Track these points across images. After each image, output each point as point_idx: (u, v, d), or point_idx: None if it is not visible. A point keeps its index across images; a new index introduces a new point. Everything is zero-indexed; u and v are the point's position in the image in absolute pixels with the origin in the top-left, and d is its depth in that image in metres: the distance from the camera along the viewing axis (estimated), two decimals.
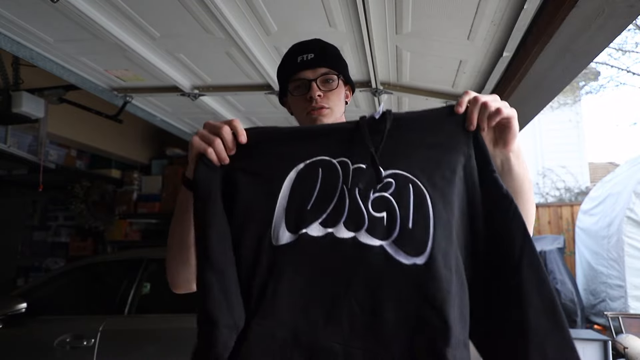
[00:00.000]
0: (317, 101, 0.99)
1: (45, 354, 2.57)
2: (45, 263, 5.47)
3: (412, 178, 0.77)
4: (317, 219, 0.77)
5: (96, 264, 3.27)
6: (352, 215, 0.76)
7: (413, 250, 0.73)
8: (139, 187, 5.35)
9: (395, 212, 0.76)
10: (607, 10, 1.45)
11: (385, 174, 0.78)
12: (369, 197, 0.77)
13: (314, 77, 1.00)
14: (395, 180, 0.77)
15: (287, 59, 1.07)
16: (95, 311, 2.81)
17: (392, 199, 0.77)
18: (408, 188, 0.76)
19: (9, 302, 2.69)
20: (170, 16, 1.86)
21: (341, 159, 0.81)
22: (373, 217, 0.76)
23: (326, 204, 0.78)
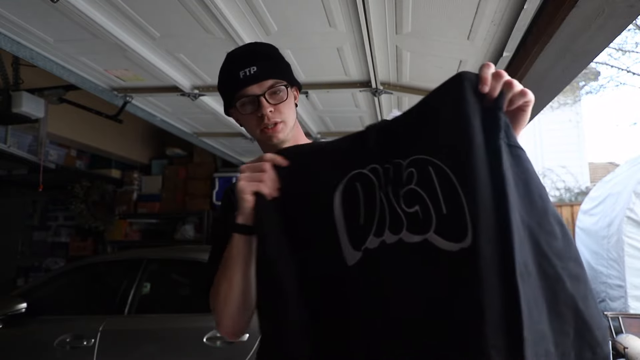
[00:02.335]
0: (269, 117, 0.95)
1: (45, 354, 2.57)
2: (45, 263, 5.47)
3: (430, 159, 0.73)
4: (370, 231, 0.78)
5: (96, 264, 3.26)
6: (393, 218, 0.76)
7: (456, 236, 0.68)
8: (139, 187, 5.36)
9: (426, 201, 0.73)
10: (607, 10, 1.45)
11: (405, 164, 0.76)
12: (399, 195, 0.76)
13: (261, 92, 0.95)
14: (416, 168, 0.75)
15: (227, 74, 1.01)
16: (95, 311, 2.81)
17: (419, 189, 0.74)
18: (429, 171, 0.73)
19: (9, 302, 2.69)
20: (170, 16, 1.86)
21: (371, 166, 0.81)
22: (408, 213, 0.75)
23: (373, 215, 0.79)
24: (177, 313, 2.69)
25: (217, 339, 2.41)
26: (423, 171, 0.74)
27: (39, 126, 3.54)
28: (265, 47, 1.04)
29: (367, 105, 3.07)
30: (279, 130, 0.97)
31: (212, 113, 3.11)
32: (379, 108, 3.02)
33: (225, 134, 3.89)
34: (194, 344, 2.42)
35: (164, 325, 2.59)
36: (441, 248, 0.69)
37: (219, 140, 4.16)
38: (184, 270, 3.08)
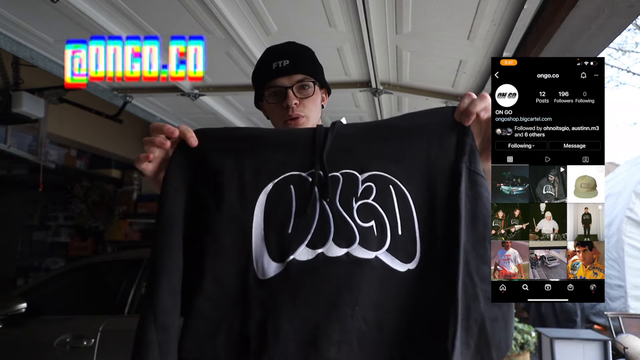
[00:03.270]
0: (293, 109, 0.97)
1: (45, 354, 2.57)
2: (45, 263, 5.47)
3: (390, 178, 0.74)
4: (302, 241, 0.72)
5: (96, 264, 3.26)
6: (341, 230, 0.72)
7: (406, 256, 0.72)
8: (139, 187, 5.36)
9: (383, 219, 0.73)
10: (607, 10, 1.45)
11: (362, 178, 0.75)
12: (352, 207, 0.73)
13: (290, 85, 0.98)
14: (375, 184, 0.74)
15: (261, 64, 1.04)
16: (95, 311, 2.80)
17: (377, 205, 0.73)
18: (389, 190, 0.74)
19: (9, 302, 2.69)
20: (171, 16, 1.86)
21: (311, 170, 0.76)
22: (362, 228, 0.72)
23: (308, 223, 0.73)
24: None
25: None
26: (384, 189, 0.74)
27: (39, 126, 3.54)
28: (302, 48, 1.06)
29: (367, 105, 3.07)
30: (300, 124, 0.99)
31: (212, 113, 3.11)
32: (379, 108, 3.02)
33: None
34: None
35: None
36: (390, 266, 0.72)
37: None
38: None
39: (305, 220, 0.73)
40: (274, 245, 0.73)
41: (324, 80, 1.07)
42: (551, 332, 3.51)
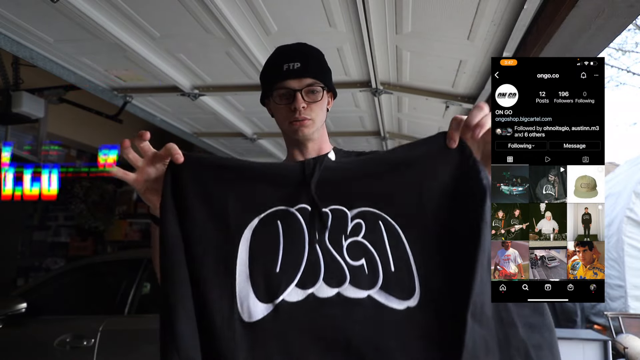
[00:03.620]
0: (300, 112, 0.98)
1: (45, 354, 2.57)
2: (45, 263, 5.47)
3: (380, 214, 0.73)
4: (292, 281, 0.69)
5: (96, 264, 3.26)
6: (331, 270, 0.70)
7: (403, 294, 0.69)
8: None
9: (374, 256, 0.71)
10: (607, 10, 1.45)
11: (352, 214, 0.73)
12: (342, 245, 0.71)
13: (300, 88, 0.98)
14: (364, 220, 0.73)
15: (272, 64, 1.04)
16: (95, 311, 2.80)
17: (367, 242, 0.71)
18: (379, 226, 0.72)
19: (9, 302, 2.69)
20: (171, 16, 1.86)
21: (299, 205, 0.73)
22: (353, 266, 0.70)
23: (297, 262, 0.70)
24: None
25: None
26: (373, 225, 0.72)
27: (39, 126, 3.54)
28: (314, 50, 1.07)
29: (367, 105, 3.07)
30: (305, 126, 1.00)
31: (212, 113, 3.11)
32: (379, 108, 3.02)
33: (225, 134, 3.89)
34: None
35: None
36: (385, 305, 0.68)
37: (219, 140, 4.16)
38: None
39: (294, 259, 0.70)
40: (261, 285, 0.69)
41: (332, 84, 1.08)
42: None
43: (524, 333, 0.68)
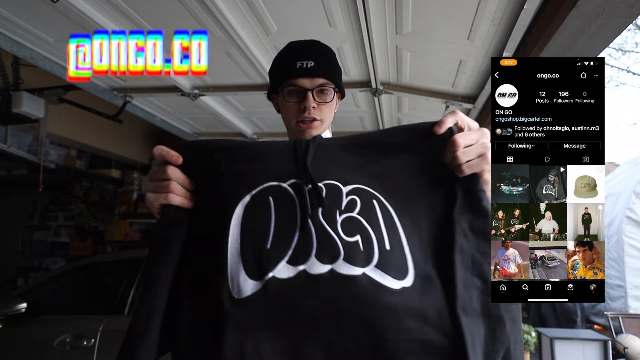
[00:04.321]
0: (310, 112, 0.97)
1: (45, 354, 2.57)
2: (45, 263, 5.47)
3: (374, 193, 0.72)
4: (282, 257, 0.67)
5: (96, 264, 3.27)
6: (324, 246, 0.68)
7: (398, 273, 0.68)
8: (139, 187, 5.36)
9: (369, 233, 0.69)
10: (607, 10, 1.45)
11: (347, 190, 0.72)
12: (336, 221, 0.69)
13: (311, 87, 0.97)
14: (359, 197, 0.71)
15: (284, 60, 1.03)
16: (95, 311, 2.80)
17: (362, 219, 0.70)
18: (373, 205, 0.71)
19: (9, 302, 2.69)
20: (171, 16, 1.86)
21: (292, 180, 0.72)
22: (347, 242, 0.68)
23: (289, 238, 0.68)
24: None
25: None
26: (368, 203, 0.71)
27: (39, 126, 3.54)
28: (326, 48, 1.06)
29: (367, 105, 3.07)
30: (314, 127, 0.99)
31: (212, 113, 3.11)
32: (379, 108, 3.02)
33: (225, 134, 3.89)
34: None
35: None
36: (381, 283, 0.66)
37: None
38: None
39: (286, 234, 0.68)
40: (251, 261, 0.68)
41: (342, 84, 1.07)
42: (551, 332, 3.51)
43: (509, 327, 0.68)
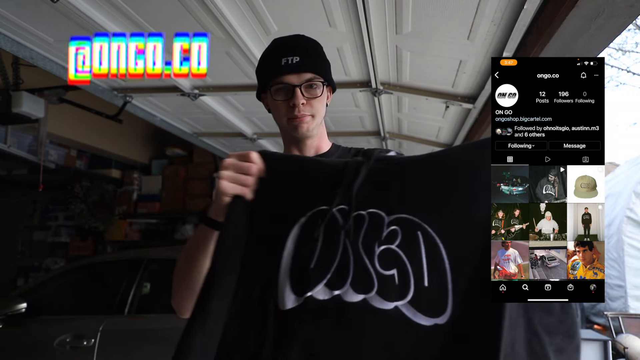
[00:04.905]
0: (299, 109, 0.95)
1: (45, 354, 2.57)
2: (45, 263, 5.47)
3: (419, 223, 0.69)
4: (322, 279, 0.70)
5: (96, 264, 3.27)
6: (359, 275, 0.69)
7: (433, 311, 0.65)
8: (138, 187, 5.36)
9: (407, 268, 0.68)
10: (607, 10, 1.45)
11: (388, 220, 0.70)
12: (374, 252, 0.69)
13: (299, 83, 0.95)
14: (401, 228, 0.69)
15: (269, 57, 1.01)
16: (95, 311, 2.80)
17: (401, 252, 0.68)
18: (417, 236, 0.68)
19: (9, 302, 2.69)
20: (171, 16, 1.86)
21: (340, 206, 0.73)
22: (382, 276, 0.68)
23: (329, 262, 0.70)
24: None
25: None
26: (410, 234, 0.69)
27: (39, 126, 3.54)
28: (311, 42, 1.04)
29: (367, 105, 3.07)
30: (305, 122, 0.97)
31: (212, 113, 3.11)
32: (379, 108, 3.02)
33: (225, 134, 3.89)
34: None
35: (164, 325, 2.58)
36: (411, 319, 0.66)
37: (219, 140, 4.16)
38: None
39: (327, 258, 0.71)
40: (296, 278, 0.72)
41: (331, 78, 1.05)
42: None
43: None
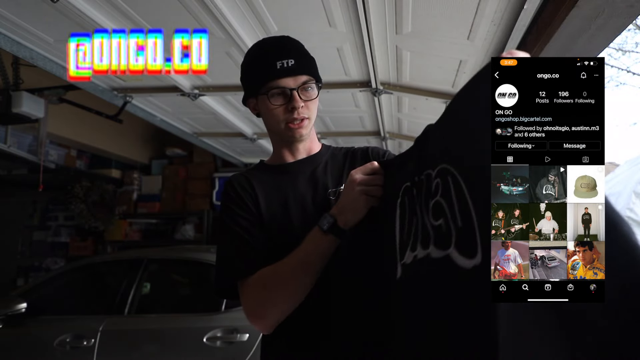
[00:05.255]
0: (299, 112, 0.95)
1: (45, 354, 2.57)
2: (45, 263, 5.47)
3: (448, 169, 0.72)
4: (407, 246, 0.79)
5: (96, 264, 3.27)
6: (424, 232, 0.76)
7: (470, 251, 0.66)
8: (139, 187, 5.36)
9: (447, 215, 0.70)
10: (607, 10, 1.45)
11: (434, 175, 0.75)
12: (429, 208, 0.75)
13: (296, 86, 0.95)
14: (440, 178, 0.73)
15: (261, 60, 0.99)
16: (95, 311, 2.81)
17: (442, 200, 0.72)
18: (448, 182, 0.71)
19: (9, 302, 2.70)
20: (171, 16, 1.86)
21: (413, 178, 0.82)
22: (435, 226, 0.73)
23: (411, 229, 0.79)
24: (177, 313, 2.69)
25: (217, 339, 2.40)
26: (445, 182, 0.72)
27: (39, 126, 3.54)
28: (297, 43, 1.03)
29: (367, 105, 3.07)
30: (304, 127, 0.98)
31: (212, 113, 3.12)
32: (379, 108, 3.02)
33: (225, 134, 3.89)
34: (194, 344, 2.42)
35: (164, 325, 2.59)
36: (459, 265, 0.66)
37: (219, 140, 4.16)
38: (184, 270, 3.08)
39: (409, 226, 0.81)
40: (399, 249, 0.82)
41: (319, 76, 1.05)
42: None
43: None
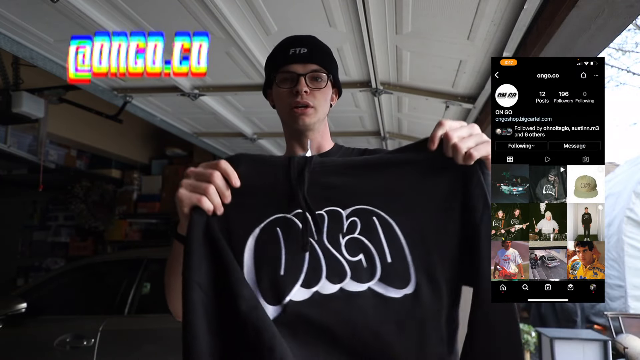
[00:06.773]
0: (302, 96, 0.95)
1: (45, 354, 2.57)
2: (45, 263, 5.47)
3: (373, 210, 0.76)
4: (296, 282, 0.73)
5: (96, 264, 3.27)
6: (332, 267, 0.74)
7: (401, 283, 0.74)
8: (138, 187, 5.36)
9: (371, 250, 0.75)
10: (607, 10, 1.45)
11: (346, 213, 0.77)
12: (340, 243, 0.76)
13: (304, 72, 0.96)
14: (359, 217, 0.76)
15: (278, 50, 1.03)
16: (95, 311, 2.81)
17: (363, 238, 0.75)
18: (373, 222, 0.76)
19: (9, 302, 2.69)
20: (171, 16, 1.86)
21: (296, 211, 0.77)
22: (352, 262, 0.75)
23: (300, 264, 0.74)
24: None
25: None
26: (368, 221, 0.76)
27: (39, 126, 3.54)
28: (322, 42, 1.05)
29: (367, 105, 3.07)
30: (308, 114, 0.97)
31: (212, 113, 3.11)
32: (379, 108, 3.02)
33: (225, 134, 3.89)
34: None
35: (164, 325, 2.58)
36: (384, 295, 0.73)
37: (219, 140, 4.16)
38: None
39: (296, 261, 0.75)
40: (268, 289, 0.73)
41: (338, 79, 1.06)
42: (551, 332, 3.51)
43: None
